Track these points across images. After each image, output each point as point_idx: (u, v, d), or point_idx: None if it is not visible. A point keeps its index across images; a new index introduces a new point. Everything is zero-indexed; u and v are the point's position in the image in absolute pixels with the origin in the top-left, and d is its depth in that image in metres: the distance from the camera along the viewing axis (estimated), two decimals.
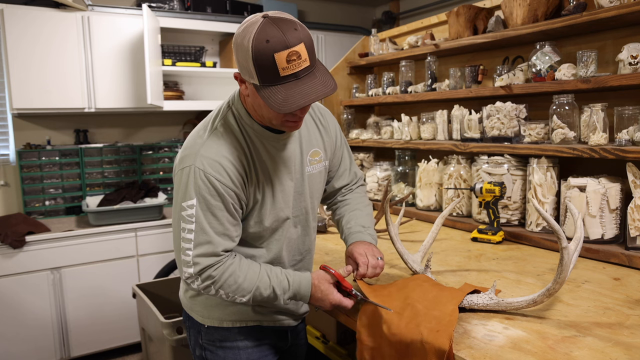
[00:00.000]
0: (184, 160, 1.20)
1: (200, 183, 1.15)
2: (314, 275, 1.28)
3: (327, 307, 1.28)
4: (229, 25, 3.56)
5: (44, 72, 2.99)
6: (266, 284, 1.22)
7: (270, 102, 1.07)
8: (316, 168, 1.38)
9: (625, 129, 1.68)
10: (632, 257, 1.59)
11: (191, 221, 1.16)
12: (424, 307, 1.20)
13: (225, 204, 1.18)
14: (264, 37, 1.04)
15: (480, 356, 1.04)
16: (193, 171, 1.16)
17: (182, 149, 1.25)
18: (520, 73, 2.07)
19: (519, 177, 2.03)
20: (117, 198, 3.16)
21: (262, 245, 1.32)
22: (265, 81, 1.07)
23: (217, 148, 1.19)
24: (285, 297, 1.25)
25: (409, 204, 2.58)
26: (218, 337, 1.36)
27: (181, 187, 1.18)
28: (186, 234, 1.17)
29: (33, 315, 2.82)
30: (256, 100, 1.16)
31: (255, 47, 1.04)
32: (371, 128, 2.99)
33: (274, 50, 1.04)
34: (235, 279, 1.20)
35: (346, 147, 1.52)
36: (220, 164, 1.17)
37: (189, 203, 1.16)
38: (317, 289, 1.26)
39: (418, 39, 2.67)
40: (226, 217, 1.19)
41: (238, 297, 1.21)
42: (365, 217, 1.48)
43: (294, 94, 1.07)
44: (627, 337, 1.10)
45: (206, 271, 1.18)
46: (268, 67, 1.05)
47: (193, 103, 3.53)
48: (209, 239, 1.17)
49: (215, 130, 1.22)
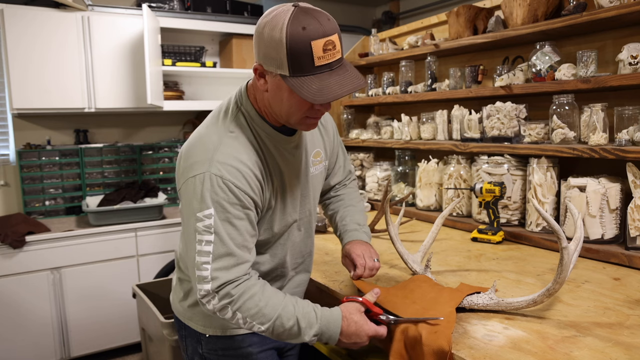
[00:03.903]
0: (195, 167, 1.09)
1: (218, 190, 1.06)
2: (341, 307, 1.16)
3: (363, 340, 1.14)
4: (229, 25, 3.56)
5: (44, 72, 2.99)
6: (290, 313, 1.09)
7: (303, 91, 1.01)
8: (318, 169, 1.35)
9: (625, 129, 1.68)
10: (632, 257, 1.59)
11: (209, 232, 1.06)
12: (422, 308, 1.19)
13: (246, 213, 1.10)
14: (300, 24, 0.99)
15: (480, 356, 1.04)
16: (209, 178, 1.07)
17: (189, 155, 1.14)
18: (520, 73, 2.07)
19: (519, 177, 2.03)
20: (117, 198, 3.16)
21: (267, 252, 1.26)
22: (297, 71, 1.01)
23: (233, 153, 1.10)
24: (311, 333, 1.10)
25: (409, 204, 2.58)
26: (221, 346, 1.30)
27: (195, 197, 1.07)
28: (203, 247, 1.07)
29: (33, 315, 2.82)
30: (279, 94, 1.08)
31: (290, 34, 0.99)
32: (371, 128, 2.99)
33: (311, 37, 0.99)
34: (257, 302, 1.08)
35: (341, 145, 1.52)
36: (238, 169, 1.09)
37: (205, 213, 1.06)
38: (350, 321, 1.12)
39: (418, 39, 2.67)
40: (245, 228, 1.10)
41: (257, 323, 1.09)
42: (359, 214, 1.47)
43: (329, 84, 1.02)
44: (627, 337, 1.10)
45: (225, 287, 1.07)
46: (303, 56, 1.00)
47: (193, 103, 3.53)
48: (229, 250, 1.07)
49: (229, 134, 1.13)
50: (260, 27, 1.06)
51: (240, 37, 3.61)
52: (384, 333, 1.16)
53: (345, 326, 1.12)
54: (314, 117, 1.13)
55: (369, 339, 1.15)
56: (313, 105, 1.09)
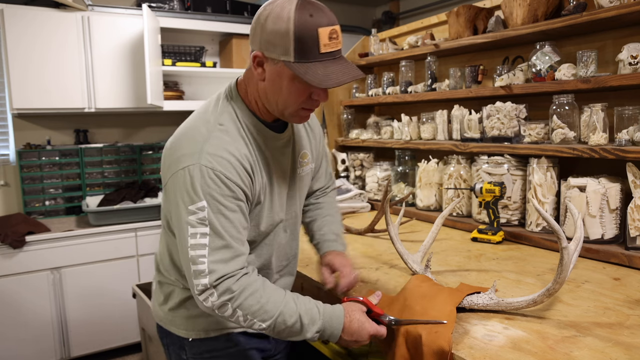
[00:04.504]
0: (184, 160, 1.07)
1: (209, 182, 1.04)
2: (343, 305, 1.15)
3: (364, 339, 1.13)
4: (229, 25, 3.56)
5: (44, 72, 2.99)
6: (292, 310, 1.07)
7: (308, 76, 1.02)
8: (305, 170, 1.34)
9: (625, 129, 1.68)
10: (632, 257, 1.59)
11: (204, 224, 1.04)
12: (422, 308, 1.19)
13: (238, 205, 1.08)
14: (307, 11, 1.01)
15: (480, 356, 1.04)
16: (199, 170, 1.04)
17: (176, 148, 1.11)
18: (520, 73, 2.07)
19: (519, 177, 2.03)
20: (117, 198, 3.16)
21: (252, 251, 1.23)
22: (302, 57, 1.02)
23: (223, 145, 1.09)
24: (314, 330, 1.08)
25: (409, 204, 2.58)
26: (205, 349, 1.26)
27: (185, 189, 1.05)
28: (199, 239, 1.04)
29: (33, 315, 2.82)
30: (278, 82, 1.08)
31: (297, 20, 1.00)
32: (371, 128, 2.99)
33: (319, 24, 1.01)
34: (258, 299, 1.05)
35: (325, 149, 1.51)
36: (229, 161, 1.07)
37: (198, 205, 1.04)
38: (352, 318, 1.12)
39: (418, 39, 2.67)
40: (239, 220, 1.08)
41: (258, 321, 1.06)
42: (337, 225, 1.47)
43: (334, 71, 1.04)
44: (627, 337, 1.10)
45: (224, 282, 1.04)
46: (310, 41, 1.01)
47: (193, 103, 3.53)
48: (226, 243, 1.05)
49: (218, 126, 1.11)
50: (262, 14, 1.05)
51: (240, 37, 3.61)
52: (384, 333, 1.16)
53: (347, 323, 1.11)
54: (309, 109, 1.14)
55: (369, 338, 1.14)
56: (311, 95, 1.10)
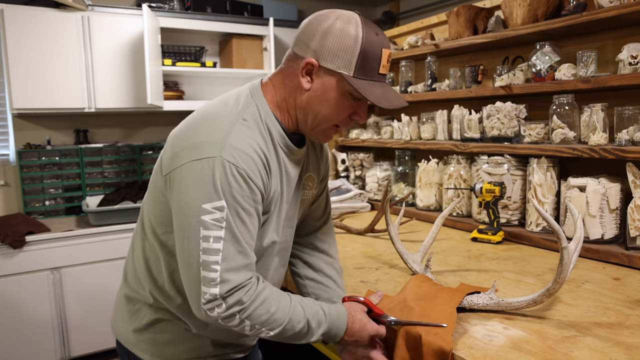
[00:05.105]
0: (203, 149, 0.96)
1: (232, 181, 0.94)
2: (345, 305, 1.13)
3: (364, 340, 1.11)
4: (229, 25, 3.56)
5: (44, 72, 2.99)
6: (300, 315, 1.03)
7: (367, 92, 1.00)
8: (307, 195, 1.24)
9: (625, 129, 1.68)
10: (632, 257, 1.59)
11: (219, 227, 0.94)
12: (422, 309, 1.19)
13: (256, 208, 0.99)
14: (373, 30, 1.00)
15: (480, 356, 1.04)
16: (221, 164, 0.94)
17: (193, 134, 1.00)
18: (520, 73, 2.07)
19: (519, 177, 2.03)
20: (117, 198, 3.16)
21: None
22: (362, 74, 1.00)
23: (248, 140, 0.99)
24: (320, 332, 1.06)
25: (409, 204, 2.58)
26: None
27: (203, 184, 0.94)
28: (212, 244, 0.93)
29: (33, 315, 2.82)
30: (326, 94, 1.03)
31: (367, 36, 0.99)
32: (371, 128, 2.99)
33: (382, 45, 1.01)
34: (268, 308, 0.99)
35: (327, 180, 1.39)
36: (252, 158, 0.97)
37: (216, 205, 0.93)
38: (355, 319, 1.10)
39: (418, 39, 2.67)
40: (254, 225, 1.00)
41: (266, 330, 1.00)
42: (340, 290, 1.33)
43: (388, 92, 1.04)
44: (627, 337, 1.10)
45: (236, 293, 0.95)
46: (373, 60, 1.00)
47: (193, 103, 3.53)
48: (241, 249, 0.96)
49: (242, 121, 1.01)
50: (326, 21, 1.01)
51: (240, 37, 3.61)
52: (384, 333, 1.16)
53: (350, 323, 1.10)
54: (339, 128, 1.12)
55: (370, 338, 1.14)
56: (351, 115, 1.09)
